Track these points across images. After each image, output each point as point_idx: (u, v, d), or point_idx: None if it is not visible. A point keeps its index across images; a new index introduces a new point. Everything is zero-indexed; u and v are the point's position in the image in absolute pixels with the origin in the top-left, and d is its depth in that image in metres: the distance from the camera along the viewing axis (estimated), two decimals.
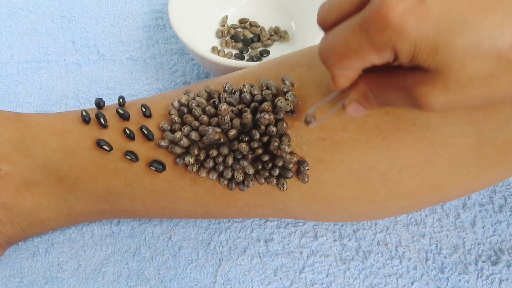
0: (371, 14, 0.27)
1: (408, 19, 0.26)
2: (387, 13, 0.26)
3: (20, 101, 0.59)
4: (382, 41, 0.27)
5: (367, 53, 0.28)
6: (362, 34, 0.28)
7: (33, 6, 0.68)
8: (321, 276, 0.45)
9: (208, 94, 0.42)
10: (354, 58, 0.29)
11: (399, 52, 0.27)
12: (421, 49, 0.26)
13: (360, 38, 0.28)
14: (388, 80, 0.31)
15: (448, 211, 0.49)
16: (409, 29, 0.26)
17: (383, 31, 0.26)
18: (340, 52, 0.29)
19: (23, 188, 0.42)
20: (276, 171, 0.39)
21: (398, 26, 0.26)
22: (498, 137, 0.37)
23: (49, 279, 0.45)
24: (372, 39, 0.27)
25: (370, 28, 0.27)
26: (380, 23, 0.26)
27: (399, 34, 0.26)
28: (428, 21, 0.25)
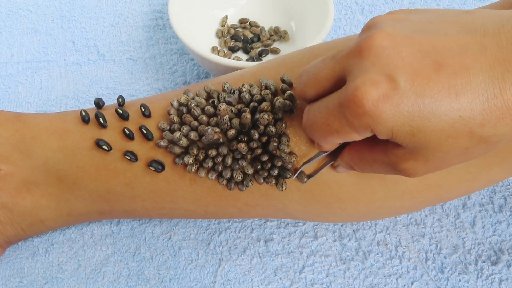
0: (347, 100, 0.28)
1: (382, 107, 0.26)
2: (362, 102, 0.27)
3: (20, 101, 0.59)
4: (360, 125, 0.28)
5: (347, 133, 0.29)
6: (341, 117, 0.29)
7: (33, 6, 0.69)
8: (321, 276, 0.45)
9: (207, 94, 0.42)
10: (336, 136, 0.30)
11: (377, 134, 0.28)
12: (398, 133, 0.27)
13: (340, 120, 0.29)
14: (370, 156, 0.32)
15: (448, 211, 0.49)
16: (385, 117, 0.27)
17: (360, 117, 0.27)
18: (322, 131, 0.31)
19: (23, 188, 0.42)
20: (275, 171, 0.39)
21: (374, 114, 0.27)
22: None
23: (49, 279, 0.45)
24: (350, 123, 0.28)
25: (348, 113, 0.28)
26: (357, 110, 0.27)
27: (376, 121, 0.27)
28: (403, 108, 0.26)
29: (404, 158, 0.30)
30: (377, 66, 0.27)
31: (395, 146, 0.30)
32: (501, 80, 0.25)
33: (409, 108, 0.26)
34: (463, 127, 0.26)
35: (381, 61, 0.27)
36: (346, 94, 0.28)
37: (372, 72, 0.27)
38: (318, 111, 0.31)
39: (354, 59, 0.28)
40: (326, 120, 0.30)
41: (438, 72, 0.26)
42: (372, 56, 0.27)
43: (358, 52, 0.28)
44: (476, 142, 0.27)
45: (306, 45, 0.51)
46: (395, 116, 0.26)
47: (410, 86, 0.26)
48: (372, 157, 0.32)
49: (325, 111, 0.30)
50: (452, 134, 0.27)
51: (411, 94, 0.26)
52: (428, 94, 0.26)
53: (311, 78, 0.32)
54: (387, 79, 0.26)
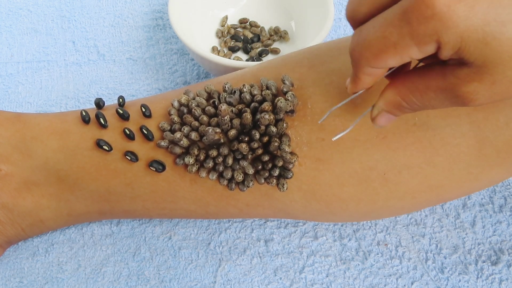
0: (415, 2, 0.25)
1: (455, 8, 0.24)
2: (433, 1, 0.24)
3: (20, 101, 0.59)
4: (426, 33, 0.25)
5: (408, 46, 0.26)
6: (403, 25, 0.25)
7: (33, 6, 0.68)
8: (321, 276, 0.45)
9: (208, 94, 0.42)
10: (392, 53, 0.27)
11: (443, 45, 0.25)
12: (468, 42, 0.25)
13: (401, 30, 0.26)
14: (423, 83, 0.29)
15: (448, 211, 0.49)
16: (457, 19, 0.24)
17: (428, 21, 0.24)
18: (376, 47, 0.27)
19: (23, 189, 0.42)
20: (276, 171, 0.39)
21: (445, 16, 0.24)
22: (498, 138, 0.37)
23: (49, 279, 0.45)
24: (415, 30, 0.25)
25: (413, 18, 0.25)
26: (425, 13, 0.24)
27: (446, 25, 0.24)
28: (477, 10, 0.24)
29: (467, 79, 0.26)
30: None
31: (456, 66, 0.27)
32: None
33: (485, 10, 0.24)
34: None
35: None
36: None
37: None
38: (372, 26, 0.27)
39: None
40: (383, 32, 0.26)
41: None
42: None
43: None
44: None
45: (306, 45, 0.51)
46: (468, 18, 0.24)
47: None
48: (426, 83, 0.29)
49: (382, 24, 0.26)
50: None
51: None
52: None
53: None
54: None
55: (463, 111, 0.37)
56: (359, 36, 0.28)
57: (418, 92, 0.29)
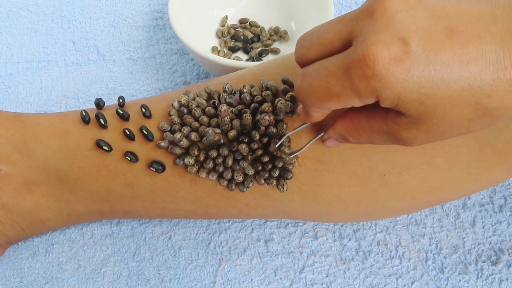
0: (356, 61, 0.26)
1: (393, 70, 0.26)
2: (373, 63, 0.26)
3: (20, 101, 0.59)
4: (367, 90, 0.27)
5: (349, 98, 0.28)
6: (346, 79, 0.27)
7: (33, 6, 0.68)
8: (321, 276, 0.45)
9: (208, 94, 0.42)
10: (335, 101, 0.29)
11: (382, 100, 0.27)
12: (405, 100, 0.27)
13: (343, 83, 0.28)
14: (368, 125, 0.31)
15: (448, 211, 0.49)
16: (395, 81, 0.26)
17: (368, 80, 0.26)
18: (320, 95, 0.29)
19: (23, 189, 0.42)
20: (276, 172, 0.39)
21: (384, 78, 0.26)
22: (498, 139, 0.37)
23: (49, 279, 0.45)
24: (356, 86, 0.27)
25: (354, 75, 0.27)
26: (366, 72, 0.26)
27: (385, 85, 0.26)
28: (413, 73, 0.26)
29: (406, 127, 0.29)
30: (390, 28, 0.26)
31: (396, 115, 0.29)
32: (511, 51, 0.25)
33: (420, 74, 0.26)
34: (470, 96, 0.26)
35: (394, 23, 0.26)
36: (355, 55, 0.27)
37: (385, 34, 0.26)
38: (316, 73, 0.29)
39: (365, 21, 0.27)
40: (326, 82, 0.28)
41: (450, 38, 0.26)
42: (385, 18, 0.27)
43: (369, 14, 0.27)
44: (481, 114, 0.27)
45: None
46: (405, 81, 0.26)
47: (423, 50, 0.26)
48: (370, 126, 0.31)
49: (325, 73, 0.29)
50: (459, 103, 0.26)
51: (423, 59, 0.26)
52: (440, 60, 0.26)
53: (314, 42, 0.30)
54: (399, 42, 0.26)
55: None
56: (303, 80, 0.30)
57: (363, 131, 0.32)
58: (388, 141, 0.31)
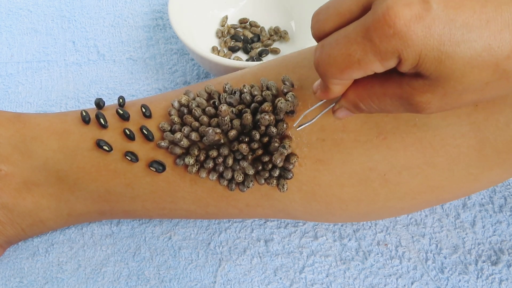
0: (376, 21, 0.26)
1: (414, 28, 0.26)
2: (394, 21, 0.26)
3: (20, 101, 0.59)
4: (388, 50, 0.27)
5: (371, 62, 0.28)
6: (366, 43, 0.27)
7: (33, 6, 0.68)
8: (321, 276, 0.45)
9: (208, 94, 0.42)
10: (357, 68, 0.28)
11: (403, 60, 0.27)
12: (425, 59, 0.26)
13: (364, 47, 0.27)
14: (381, 90, 0.31)
15: (448, 211, 0.49)
16: (416, 38, 0.26)
17: (389, 39, 0.26)
18: (341, 63, 0.29)
19: (23, 189, 0.42)
20: (276, 171, 0.39)
21: (405, 35, 0.26)
22: (498, 139, 0.37)
23: (49, 279, 0.45)
24: (377, 48, 0.27)
25: (375, 36, 0.27)
26: (387, 31, 0.26)
27: (406, 43, 0.26)
28: (434, 31, 0.26)
29: (421, 90, 0.29)
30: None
31: (412, 78, 0.29)
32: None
33: (441, 31, 0.26)
34: (490, 57, 0.26)
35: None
36: (375, 15, 0.26)
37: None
38: (336, 42, 0.29)
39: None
40: (347, 49, 0.28)
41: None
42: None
43: None
44: (499, 77, 0.27)
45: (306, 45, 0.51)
46: (426, 38, 0.26)
47: (443, 8, 0.26)
48: (383, 90, 0.31)
49: (345, 40, 0.28)
50: (478, 64, 0.26)
51: (444, 16, 0.26)
52: (460, 18, 0.26)
53: (331, 13, 0.30)
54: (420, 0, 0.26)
55: (463, 112, 0.37)
56: (322, 51, 0.30)
57: (376, 97, 0.31)
58: (401, 107, 0.31)
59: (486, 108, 0.37)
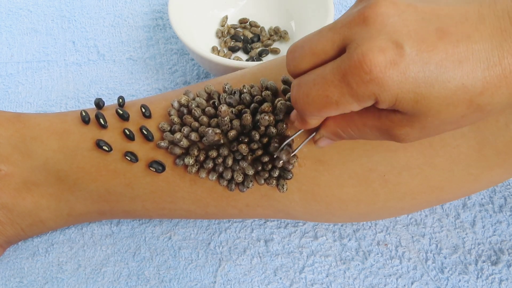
0: (353, 68, 0.27)
1: (390, 73, 0.26)
2: (370, 68, 0.26)
3: (20, 101, 0.59)
4: (365, 94, 0.28)
5: (348, 103, 0.29)
6: (343, 86, 0.28)
7: (33, 6, 0.68)
8: (321, 276, 0.45)
9: (208, 94, 0.42)
10: (334, 108, 0.29)
11: (380, 102, 0.28)
12: (402, 101, 0.27)
13: (341, 90, 0.28)
14: (360, 121, 0.32)
15: (448, 211, 0.49)
16: (392, 83, 0.27)
17: (366, 85, 0.27)
18: (319, 104, 0.30)
19: (23, 189, 0.42)
20: (276, 172, 0.39)
21: (381, 81, 0.27)
22: (498, 139, 0.37)
23: (49, 279, 0.45)
24: (354, 91, 0.28)
25: (352, 81, 0.27)
26: (364, 77, 0.27)
27: (382, 88, 0.27)
28: (409, 74, 0.26)
29: (400, 125, 0.30)
30: (383, 33, 0.27)
31: (390, 112, 0.30)
32: (499, 48, 0.26)
33: (415, 75, 0.27)
34: (464, 95, 0.27)
35: (387, 28, 0.27)
36: (351, 61, 0.27)
37: (379, 39, 0.27)
38: (313, 83, 0.30)
39: (358, 27, 0.28)
40: (324, 91, 0.29)
41: (442, 39, 0.27)
42: (378, 24, 0.27)
43: (361, 20, 0.28)
44: (473, 110, 0.28)
45: None
46: (401, 82, 0.27)
47: (416, 52, 0.26)
48: (363, 121, 0.32)
49: (322, 82, 0.29)
50: (453, 102, 0.27)
51: (418, 60, 0.26)
52: (433, 61, 0.26)
53: (306, 52, 0.31)
54: (394, 45, 0.27)
55: None
56: (299, 90, 0.31)
57: (356, 127, 0.33)
58: (381, 137, 0.32)
59: None
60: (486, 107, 0.27)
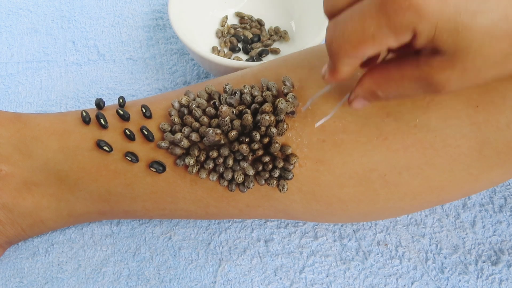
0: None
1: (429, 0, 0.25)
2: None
3: (20, 101, 0.59)
4: (402, 23, 0.26)
5: (386, 36, 0.27)
6: (381, 16, 0.27)
7: (33, 6, 0.68)
8: (321, 276, 0.46)
9: (208, 95, 0.42)
10: (371, 43, 0.28)
11: (419, 34, 0.27)
12: (441, 31, 0.26)
13: (378, 21, 0.27)
14: (398, 73, 0.30)
15: (448, 211, 0.49)
16: (431, 10, 0.25)
17: (404, 12, 0.26)
18: (355, 39, 0.28)
19: (23, 189, 0.42)
20: (277, 172, 0.39)
21: (420, 8, 0.25)
22: (498, 139, 0.37)
23: (49, 279, 0.45)
24: (392, 21, 0.26)
25: (390, 10, 0.26)
26: (402, 4, 0.26)
27: (421, 16, 0.26)
28: (449, 2, 0.25)
29: (440, 67, 0.28)
30: None
31: (430, 56, 0.28)
32: None
33: (456, 2, 0.25)
34: (507, 27, 0.26)
35: None
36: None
37: None
38: (349, 18, 0.28)
39: None
40: (360, 24, 0.27)
41: None
42: None
43: None
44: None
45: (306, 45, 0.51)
46: (441, 9, 0.25)
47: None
48: (401, 73, 0.30)
49: (359, 16, 0.28)
50: (496, 34, 0.26)
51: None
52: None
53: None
54: None
55: (464, 113, 0.37)
56: (335, 29, 0.29)
57: (394, 81, 0.31)
58: (420, 88, 0.30)
59: (487, 109, 0.37)
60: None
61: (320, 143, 0.39)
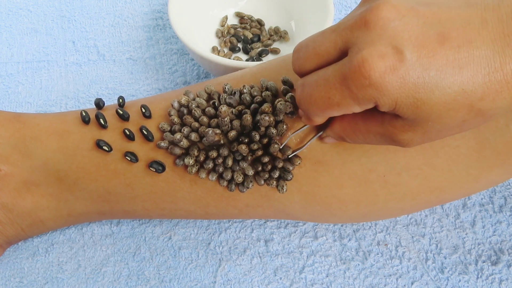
0: (352, 72, 0.27)
1: (389, 79, 0.27)
2: (369, 73, 0.27)
3: (20, 101, 0.59)
4: (365, 97, 0.28)
5: (349, 105, 0.29)
6: (344, 89, 0.28)
7: (33, 6, 0.68)
8: (321, 276, 0.45)
9: (208, 95, 0.42)
10: (336, 109, 0.30)
11: (380, 105, 0.28)
12: (401, 105, 0.28)
13: (342, 92, 0.29)
14: (364, 127, 0.32)
15: (448, 211, 0.49)
16: (391, 88, 0.27)
17: (365, 89, 0.27)
18: (322, 104, 0.30)
19: (23, 189, 0.42)
20: (276, 173, 0.39)
21: (380, 86, 0.27)
22: (497, 140, 0.37)
23: (49, 279, 0.45)
24: (354, 95, 0.28)
25: (352, 85, 0.28)
26: (362, 82, 0.27)
27: (381, 92, 0.27)
28: (408, 80, 0.27)
29: (402, 130, 0.30)
30: (384, 38, 0.27)
31: (393, 117, 0.30)
32: (501, 54, 0.26)
33: (415, 80, 0.27)
34: (464, 100, 0.27)
35: (388, 32, 0.27)
36: (351, 66, 0.27)
37: (379, 43, 0.27)
38: (315, 84, 0.30)
39: (359, 31, 0.28)
40: (326, 93, 0.30)
41: (443, 44, 0.27)
42: (379, 28, 0.27)
43: (363, 24, 0.28)
44: (474, 115, 0.28)
45: None
46: (401, 88, 0.27)
47: (417, 58, 0.26)
48: (367, 127, 0.32)
49: (324, 84, 0.30)
50: (453, 107, 0.27)
51: (417, 66, 0.26)
52: (433, 66, 0.26)
53: (310, 52, 0.31)
54: (394, 51, 0.27)
55: None
56: (303, 91, 0.32)
57: (360, 132, 0.33)
58: (385, 142, 0.32)
59: None
60: (488, 112, 0.27)
61: (319, 144, 0.39)
